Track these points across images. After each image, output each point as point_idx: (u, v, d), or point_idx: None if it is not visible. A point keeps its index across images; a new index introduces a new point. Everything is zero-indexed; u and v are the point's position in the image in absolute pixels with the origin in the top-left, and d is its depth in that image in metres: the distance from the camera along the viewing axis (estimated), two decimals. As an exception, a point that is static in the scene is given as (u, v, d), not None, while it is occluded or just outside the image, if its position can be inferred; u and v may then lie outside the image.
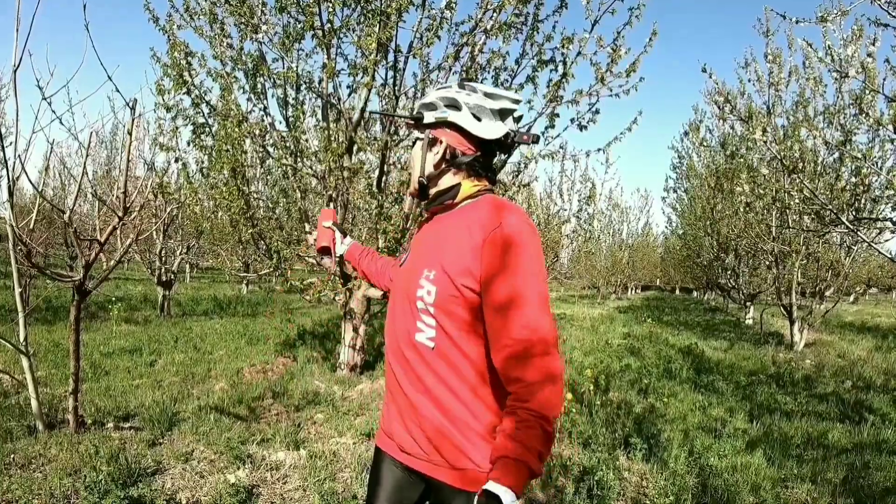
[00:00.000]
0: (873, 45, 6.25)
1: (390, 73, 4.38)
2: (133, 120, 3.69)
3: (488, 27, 4.42)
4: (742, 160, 6.15)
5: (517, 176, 5.27)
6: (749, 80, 9.22)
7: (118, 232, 4.15)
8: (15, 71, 3.79)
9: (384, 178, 4.62)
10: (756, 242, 10.67)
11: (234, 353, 7.57)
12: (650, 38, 5.12)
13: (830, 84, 11.90)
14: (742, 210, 7.96)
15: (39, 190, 4.02)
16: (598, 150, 5.21)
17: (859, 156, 6.16)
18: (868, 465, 4.16)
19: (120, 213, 3.85)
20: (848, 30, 8.70)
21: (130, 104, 3.70)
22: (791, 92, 12.59)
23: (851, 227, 5.25)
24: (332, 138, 4.94)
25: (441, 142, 1.43)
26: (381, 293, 4.85)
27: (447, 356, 1.33)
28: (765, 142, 4.80)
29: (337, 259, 1.83)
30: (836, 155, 9.07)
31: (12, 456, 3.64)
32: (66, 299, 10.75)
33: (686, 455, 4.22)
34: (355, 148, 4.64)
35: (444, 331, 1.32)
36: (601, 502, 3.41)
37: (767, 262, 11.04)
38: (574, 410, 5.08)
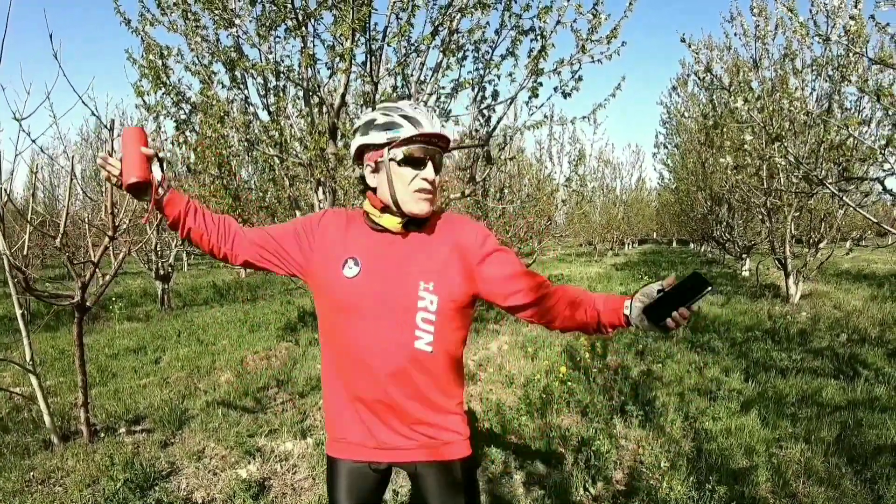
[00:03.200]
0: (856, 6, 6.19)
1: (368, 57, 4.34)
2: (111, 142, 3.68)
3: (463, 6, 4.37)
4: (724, 130, 6.13)
5: (502, 149, 5.26)
6: (735, 35, 9.15)
7: (110, 248, 4.17)
8: None
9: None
10: (748, 197, 10.68)
11: (236, 341, 7.65)
12: (630, 2, 5.06)
13: (812, 37, 11.78)
14: (731, 172, 7.96)
15: (28, 217, 4.02)
16: (584, 117, 5.19)
17: (842, 126, 6.14)
18: (861, 422, 4.23)
19: (110, 234, 3.87)
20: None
21: (108, 126, 3.69)
22: (778, 45, 12.51)
23: (837, 192, 5.28)
24: (316, 124, 4.92)
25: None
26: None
27: (441, 355, 1.54)
28: (747, 110, 4.79)
29: (156, 199, 1.57)
30: (826, 106, 9.03)
31: (32, 473, 3.72)
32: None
33: (682, 420, 4.31)
34: (339, 133, 4.62)
35: (442, 334, 1.52)
36: (599, 472, 3.51)
37: (760, 216, 11.06)
38: (570, 380, 5.17)
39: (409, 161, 1.50)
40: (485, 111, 4.88)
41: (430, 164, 1.52)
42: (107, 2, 5.61)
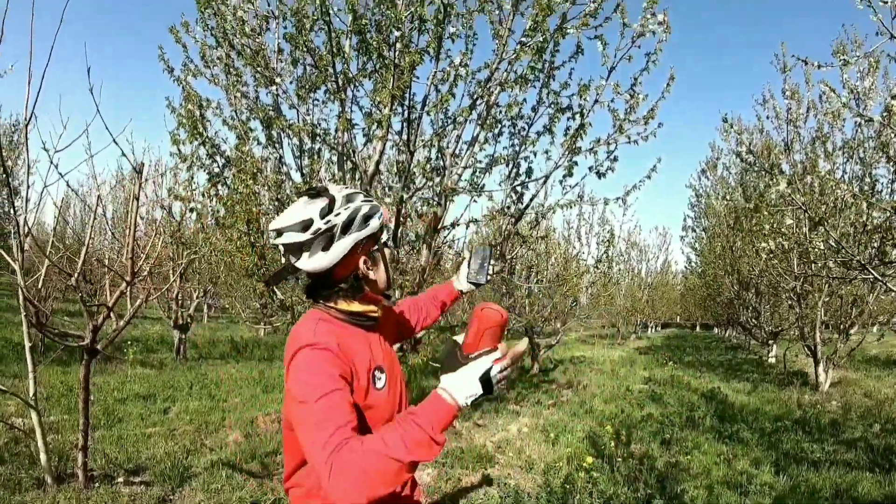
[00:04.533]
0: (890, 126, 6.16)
1: (405, 126, 4.35)
2: (139, 185, 3.68)
3: (503, 80, 4.39)
4: (766, 213, 6.04)
5: (534, 228, 5.20)
6: (767, 118, 9.21)
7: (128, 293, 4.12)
8: (26, 126, 3.80)
9: (400, 231, 4.57)
10: (777, 281, 10.46)
11: (249, 400, 7.49)
12: (668, 84, 5.07)
13: (849, 117, 11.80)
14: (765, 257, 7.82)
15: (47, 252, 4.01)
16: (617, 199, 5.13)
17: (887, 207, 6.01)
18: (899, 520, 3.98)
19: (127, 279, 3.82)
20: (864, 62, 8.64)
21: (137, 168, 3.68)
22: (809, 128, 12.57)
23: (880, 277, 5.12)
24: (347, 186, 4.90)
25: None
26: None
27: None
28: (790, 192, 4.70)
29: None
30: (857, 188, 8.92)
31: (19, 510, 3.58)
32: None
33: (712, 519, 4.06)
34: (370, 201, 4.60)
35: None
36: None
37: (789, 302, 10.82)
38: (594, 469, 4.93)
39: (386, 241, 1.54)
40: (518, 188, 4.84)
41: None
42: (152, 48, 5.75)
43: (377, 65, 4.17)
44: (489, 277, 2.04)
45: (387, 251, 1.51)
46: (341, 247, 1.39)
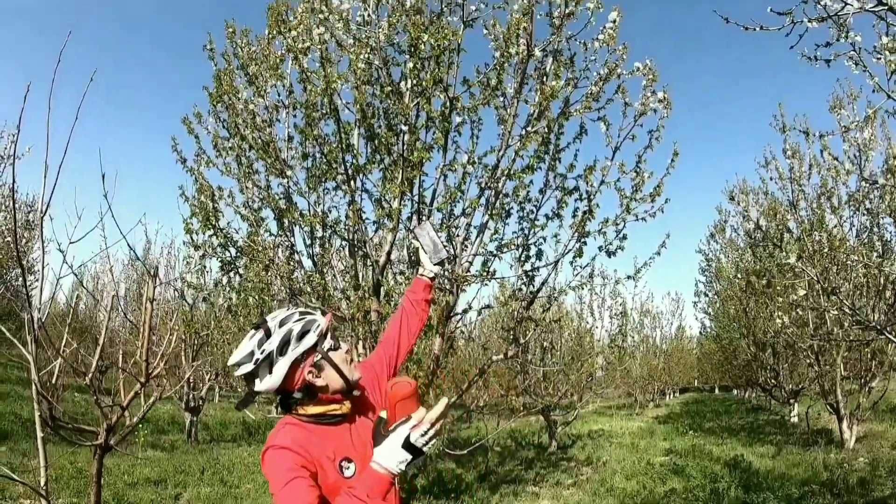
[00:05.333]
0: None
1: (415, 215, 4.40)
2: (154, 287, 3.70)
3: (509, 170, 4.46)
4: (777, 286, 6.04)
5: (547, 310, 5.20)
6: (771, 179, 9.27)
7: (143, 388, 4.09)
8: (42, 217, 3.85)
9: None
10: (794, 341, 10.33)
11: (261, 486, 7.33)
12: (672, 159, 5.12)
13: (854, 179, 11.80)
14: (781, 325, 7.76)
15: (60, 350, 4.01)
16: (628, 277, 5.15)
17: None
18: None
19: (142, 380, 3.80)
20: (862, 112, 8.73)
21: (152, 271, 3.71)
22: (813, 184, 12.68)
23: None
24: (360, 280, 4.93)
25: None
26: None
27: None
28: (801, 266, 4.69)
29: None
30: (865, 239, 8.90)
31: None
32: (95, 416, 10.67)
33: None
34: (382, 290, 4.62)
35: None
36: None
37: (808, 360, 10.65)
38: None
39: (335, 343, 1.68)
40: (529, 272, 4.85)
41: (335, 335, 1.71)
42: (164, 137, 5.88)
43: (385, 159, 4.24)
44: (447, 248, 2.18)
45: (338, 352, 1.66)
46: (281, 368, 1.60)
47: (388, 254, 4.52)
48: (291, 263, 5.39)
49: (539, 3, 4.41)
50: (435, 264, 2.14)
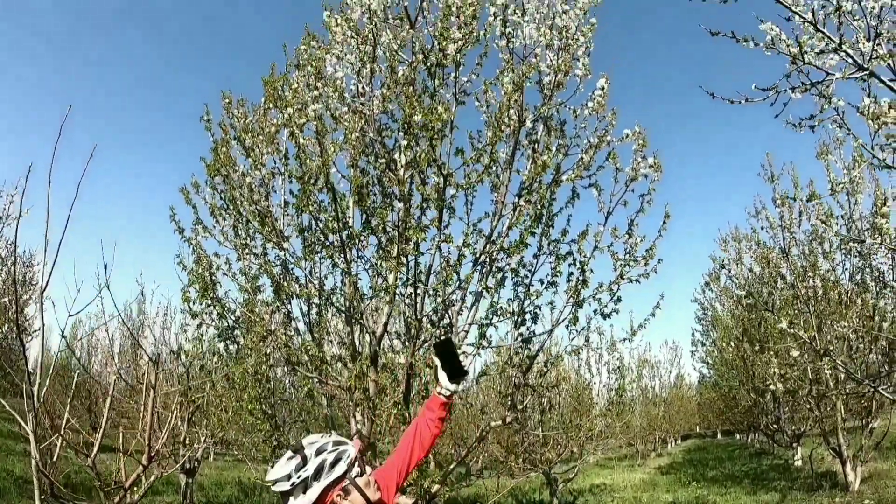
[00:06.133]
0: (885, 205, 6.30)
1: (412, 289, 4.43)
2: (157, 375, 3.71)
3: (502, 244, 4.53)
4: (773, 352, 6.09)
5: (544, 376, 5.21)
6: (762, 228, 9.41)
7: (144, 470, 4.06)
8: (42, 293, 3.86)
9: (411, 393, 4.57)
10: (793, 387, 10.33)
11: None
12: (663, 222, 5.18)
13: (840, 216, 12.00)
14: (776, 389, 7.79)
15: (62, 430, 3.98)
16: (624, 339, 5.18)
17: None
18: None
19: (144, 462, 3.79)
20: (849, 157, 8.87)
21: (153, 359, 3.72)
22: (804, 230, 12.89)
23: (892, 397, 5.08)
24: (357, 349, 4.95)
25: None
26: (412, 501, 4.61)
27: None
28: (792, 332, 4.73)
29: None
30: (859, 278, 8.97)
31: None
32: (87, 476, 10.47)
33: None
34: (380, 362, 4.63)
35: None
36: None
37: (809, 406, 10.64)
38: None
39: (361, 469, 1.89)
40: (525, 336, 4.87)
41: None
42: (162, 208, 5.93)
43: (381, 237, 4.29)
44: (465, 366, 2.28)
45: (363, 477, 1.88)
46: (314, 492, 1.82)
47: (385, 325, 4.54)
48: (288, 329, 5.41)
49: (528, 78, 4.52)
50: (453, 382, 2.20)
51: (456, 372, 2.19)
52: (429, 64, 4.26)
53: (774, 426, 14.61)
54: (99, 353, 16.32)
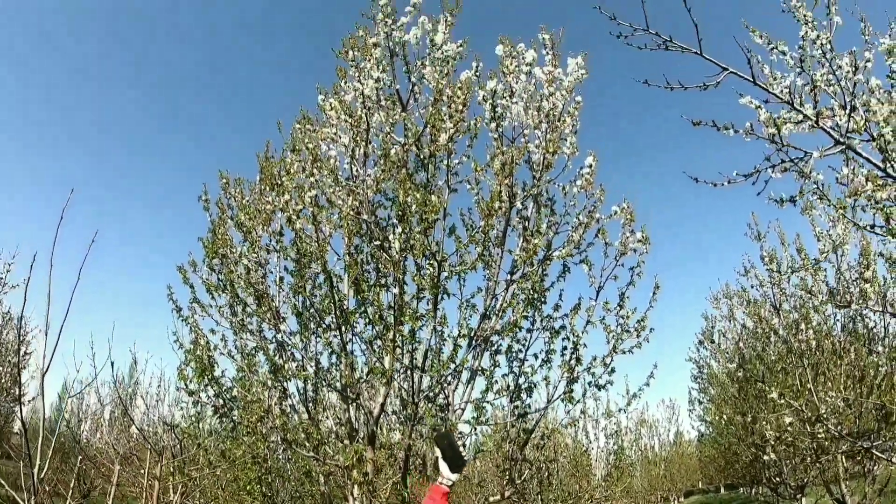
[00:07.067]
0: (868, 269, 6.45)
1: (408, 373, 4.48)
2: (160, 465, 3.73)
3: (497, 327, 4.61)
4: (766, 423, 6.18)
5: (540, 449, 5.24)
6: (752, 287, 9.57)
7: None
8: (43, 375, 3.88)
9: (409, 471, 4.58)
10: (793, 441, 10.30)
11: None
12: (654, 293, 5.29)
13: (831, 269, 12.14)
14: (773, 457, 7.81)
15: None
16: (620, 410, 5.24)
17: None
18: None
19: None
20: (833, 209, 9.02)
21: (157, 449, 3.75)
22: (793, 284, 13.02)
23: (887, 459, 5.10)
24: (354, 421, 4.97)
25: None
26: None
27: None
28: (783, 402, 4.80)
29: None
30: (851, 327, 9.04)
31: None
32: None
33: None
34: (377, 442, 4.65)
35: None
36: None
37: (809, 459, 10.58)
38: None
39: None
40: (519, 411, 4.91)
41: None
42: (160, 289, 5.99)
43: (377, 325, 4.37)
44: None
45: None
46: None
47: (382, 406, 4.57)
48: (284, 406, 5.41)
49: (518, 164, 4.67)
50: (454, 472, 2.26)
51: (457, 461, 2.26)
52: (422, 156, 4.40)
53: (777, 479, 14.42)
54: (89, 420, 16.06)
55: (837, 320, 9.50)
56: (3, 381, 12.98)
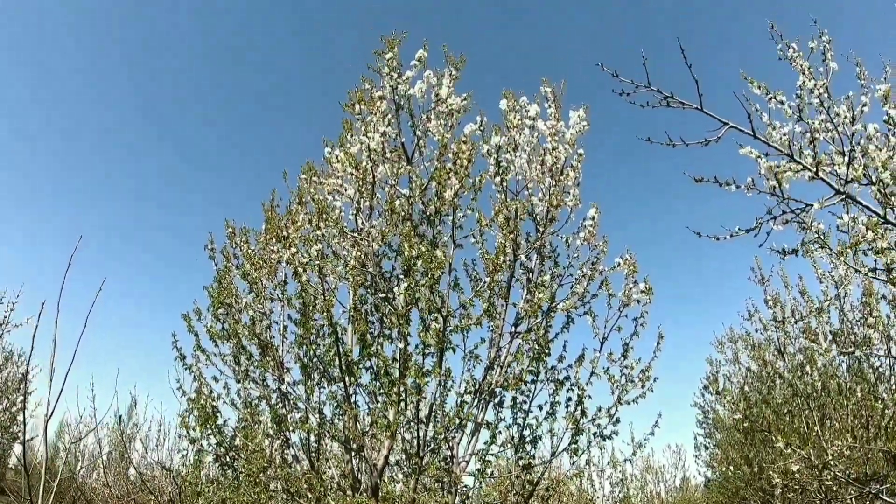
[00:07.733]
0: (870, 315, 6.46)
1: (410, 425, 4.48)
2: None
3: (501, 381, 4.62)
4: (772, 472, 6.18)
5: (546, 501, 5.19)
6: (756, 331, 9.60)
7: None
8: (46, 421, 3.88)
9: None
10: (802, 484, 10.20)
11: None
12: (658, 342, 5.30)
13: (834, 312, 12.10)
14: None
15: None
16: (626, 460, 5.21)
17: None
18: None
19: None
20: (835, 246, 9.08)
21: (155, 493, 3.73)
22: (797, 326, 13.02)
23: (891, 501, 5.06)
24: (357, 472, 4.95)
25: None
26: None
27: None
28: (789, 451, 4.79)
29: None
30: (857, 366, 9.01)
31: None
32: None
33: None
34: (380, 494, 4.62)
35: None
36: None
37: (819, 500, 10.46)
38: None
39: None
40: (524, 462, 4.88)
41: None
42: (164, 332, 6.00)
43: (383, 380, 4.38)
44: None
45: None
46: None
47: (387, 458, 4.56)
48: (286, 454, 5.39)
49: (523, 218, 4.73)
50: None
51: None
52: (428, 212, 4.46)
53: (785, 525, 14.21)
54: (86, 460, 15.83)
55: (842, 361, 9.51)
56: (1, 419, 12.89)
